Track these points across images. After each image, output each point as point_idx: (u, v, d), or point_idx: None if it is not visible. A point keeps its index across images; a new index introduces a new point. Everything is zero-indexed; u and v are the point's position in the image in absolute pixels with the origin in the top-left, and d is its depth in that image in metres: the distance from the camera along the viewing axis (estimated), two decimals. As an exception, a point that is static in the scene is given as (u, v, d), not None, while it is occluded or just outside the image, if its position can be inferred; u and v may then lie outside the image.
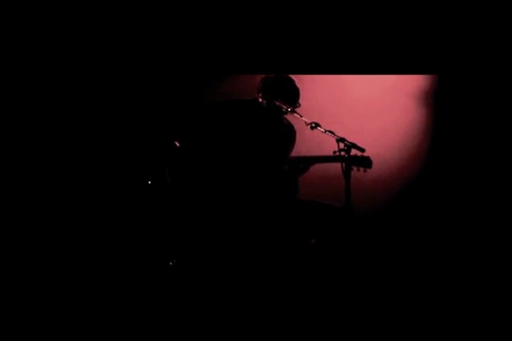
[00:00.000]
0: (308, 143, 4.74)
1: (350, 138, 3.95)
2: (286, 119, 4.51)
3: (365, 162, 4.31)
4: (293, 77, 4.40)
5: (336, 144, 3.93)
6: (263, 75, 4.44)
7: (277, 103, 4.28)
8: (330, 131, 3.99)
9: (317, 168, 4.60)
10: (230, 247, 4.25)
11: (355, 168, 4.23)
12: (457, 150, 5.29)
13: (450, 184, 5.31)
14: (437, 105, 5.39)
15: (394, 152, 5.31)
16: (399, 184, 5.34)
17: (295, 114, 4.19)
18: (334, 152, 3.96)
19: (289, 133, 4.53)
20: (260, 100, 4.39)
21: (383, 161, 4.97)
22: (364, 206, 4.62)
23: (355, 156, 4.19)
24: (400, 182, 5.34)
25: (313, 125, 4.07)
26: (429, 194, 5.35)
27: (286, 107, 4.23)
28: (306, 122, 4.11)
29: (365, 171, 4.32)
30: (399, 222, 5.33)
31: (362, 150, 3.95)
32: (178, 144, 4.27)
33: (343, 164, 3.94)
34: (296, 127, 4.54)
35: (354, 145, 3.93)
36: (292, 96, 4.34)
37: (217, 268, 4.23)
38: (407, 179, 5.35)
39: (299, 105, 4.34)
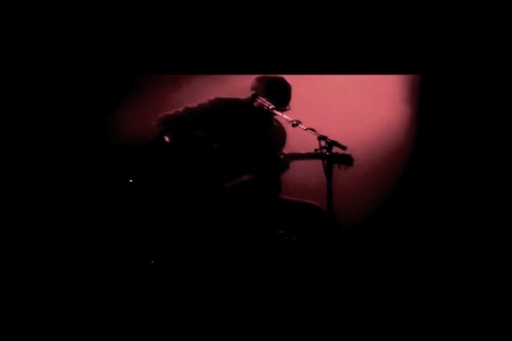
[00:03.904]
0: (290, 141, 4.71)
1: (332, 137, 3.95)
2: (277, 121, 4.49)
3: (347, 159, 4.31)
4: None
5: (318, 142, 3.92)
6: (258, 75, 4.43)
7: (259, 101, 4.26)
8: (311, 129, 3.99)
9: (299, 166, 4.60)
10: (213, 245, 4.26)
11: (336, 166, 4.22)
12: (441, 148, 5.30)
13: (434, 181, 5.31)
14: (421, 103, 5.40)
15: (376, 150, 5.31)
16: (382, 181, 5.34)
17: (276, 112, 4.18)
18: (316, 150, 3.95)
19: (280, 135, 4.55)
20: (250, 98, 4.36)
21: (365, 159, 4.96)
22: (347, 204, 4.61)
23: (337, 154, 4.17)
24: (383, 179, 5.34)
25: (295, 122, 4.07)
26: (412, 192, 5.35)
27: (267, 105, 4.23)
28: (287, 120, 4.12)
29: (346, 169, 4.33)
30: (383, 220, 5.32)
31: (343, 148, 3.95)
32: (167, 139, 4.26)
33: (325, 162, 3.92)
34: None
35: (335, 143, 3.92)
36: (284, 98, 4.35)
37: (202, 266, 4.24)
38: (391, 176, 5.36)
39: (289, 108, 4.33)
